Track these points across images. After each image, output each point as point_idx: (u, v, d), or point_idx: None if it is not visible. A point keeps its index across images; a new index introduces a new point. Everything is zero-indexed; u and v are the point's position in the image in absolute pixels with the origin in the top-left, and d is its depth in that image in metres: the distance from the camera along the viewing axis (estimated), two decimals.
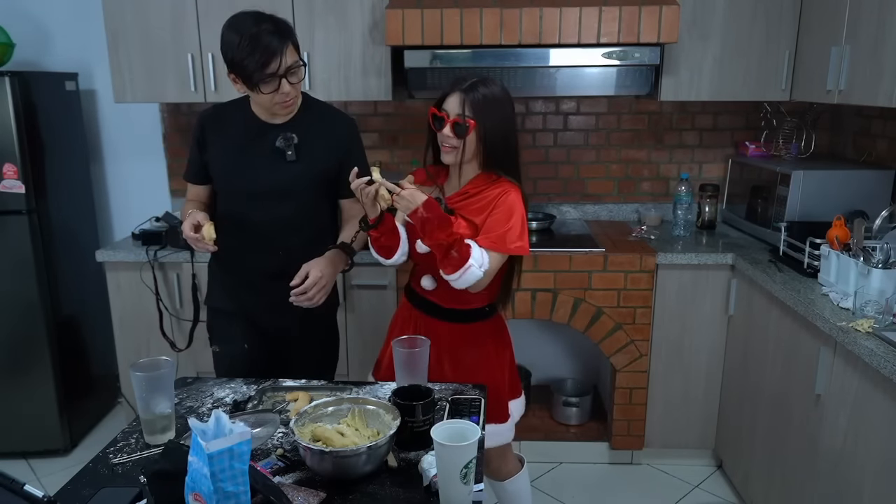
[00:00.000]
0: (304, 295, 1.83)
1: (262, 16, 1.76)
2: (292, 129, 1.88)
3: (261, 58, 1.70)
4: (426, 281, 1.85)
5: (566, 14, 2.52)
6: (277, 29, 1.73)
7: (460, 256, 1.65)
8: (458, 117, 1.70)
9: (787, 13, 2.70)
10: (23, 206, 2.79)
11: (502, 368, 1.95)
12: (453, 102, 1.71)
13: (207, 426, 1.03)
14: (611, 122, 3.22)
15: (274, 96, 1.77)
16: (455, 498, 1.16)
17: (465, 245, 1.66)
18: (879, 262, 1.93)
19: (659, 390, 2.80)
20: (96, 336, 3.25)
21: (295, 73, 1.78)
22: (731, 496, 2.71)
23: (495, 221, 1.73)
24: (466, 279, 1.68)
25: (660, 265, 2.67)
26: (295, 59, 1.77)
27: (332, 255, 1.91)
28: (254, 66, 1.71)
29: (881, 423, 1.70)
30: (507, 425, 1.97)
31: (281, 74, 1.74)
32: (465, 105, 1.69)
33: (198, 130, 1.93)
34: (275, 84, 1.75)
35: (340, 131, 1.96)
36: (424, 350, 1.57)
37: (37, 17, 3.19)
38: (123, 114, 3.27)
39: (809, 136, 3.00)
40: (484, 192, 1.78)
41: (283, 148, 1.86)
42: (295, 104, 1.87)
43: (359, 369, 2.81)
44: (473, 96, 1.69)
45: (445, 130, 1.72)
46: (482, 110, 1.70)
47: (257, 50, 1.70)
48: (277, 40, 1.71)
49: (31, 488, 0.97)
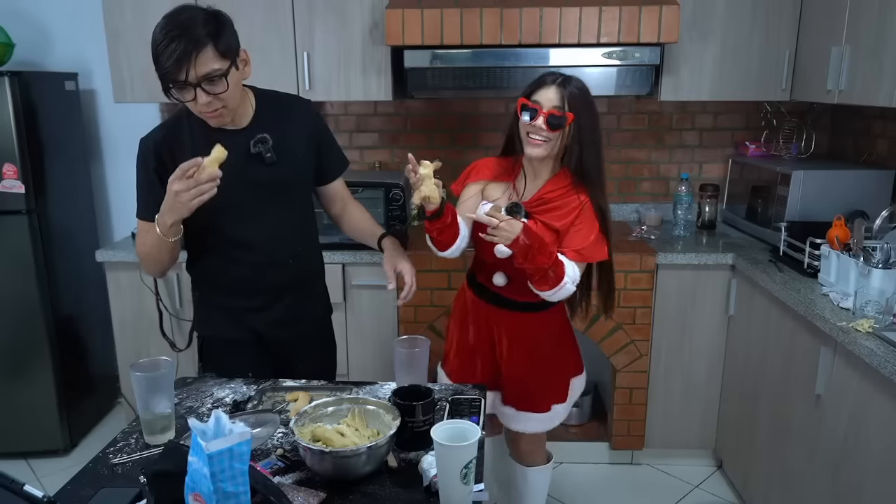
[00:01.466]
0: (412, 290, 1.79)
1: (181, 11, 1.51)
2: (259, 130, 1.69)
3: (165, 64, 1.47)
4: (499, 278, 1.84)
5: (566, 14, 2.51)
6: (186, 31, 1.46)
7: (556, 276, 1.67)
8: (555, 109, 1.67)
9: (787, 13, 2.70)
10: (23, 206, 2.79)
11: (571, 348, 1.99)
12: (549, 94, 1.68)
13: (207, 426, 1.03)
14: (611, 122, 3.21)
15: (194, 105, 1.55)
16: (455, 498, 1.16)
17: (560, 264, 1.68)
18: (879, 262, 1.93)
19: (659, 390, 2.80)
20: (96, 336, 3.25)
21: (214, 83, 1.52)
22: (731, 496, 2.71)
23: (580, 234, 1.74)
24: (560, 295, 1.73)
25: (660, 265, 2.67)
26: (214, 67, 1.50)
27: (394, 241, 1.86)
28: (160, 72, 1.49)
29: (881, 423, 1.70)
30: (567, 404, 2.02)
31: (193, 83, 1.49)
32: (562, 96, 1.67)
33: (153, 161, 1.65)
34: (190, 93, 1.51)
35: (306, 116, 1.81)
36: (424, 350, 1.57)
37: (37, 17, 3.19)
38: (123, 114, 3.27)
39: (809, 136, 3.00)
40: (563, 199, 1.76)
41: (262, 152, 1.68)
42: (225, 114, 1.60)
43: (359, 370, 2.81)
44: (570, 90, 1.67)
45: (538, 122, 1.68)
46: (578, 105, 1.67)
47: (163, 55, 1.47)
48: (184, 45, 1.46)
49: (30, 488, 0.97)
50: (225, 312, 1.83)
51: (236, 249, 1.76)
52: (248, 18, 2.76)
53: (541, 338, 1.91)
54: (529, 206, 1.78)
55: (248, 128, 1.69)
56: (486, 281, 1.89)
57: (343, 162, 1.94)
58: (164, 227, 1.56)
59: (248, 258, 1.76)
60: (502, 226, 1.57)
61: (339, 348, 2.16)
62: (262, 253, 1.77)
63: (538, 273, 1.66)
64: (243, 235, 1.74)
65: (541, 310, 1.88)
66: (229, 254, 1.77)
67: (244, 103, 1.70)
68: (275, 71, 2.80)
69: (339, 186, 1.94)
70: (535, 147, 1.72)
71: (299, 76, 2.81)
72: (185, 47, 1.46)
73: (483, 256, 1.88)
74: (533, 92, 1.71)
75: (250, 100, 1.73)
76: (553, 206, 1.76)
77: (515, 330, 1.89)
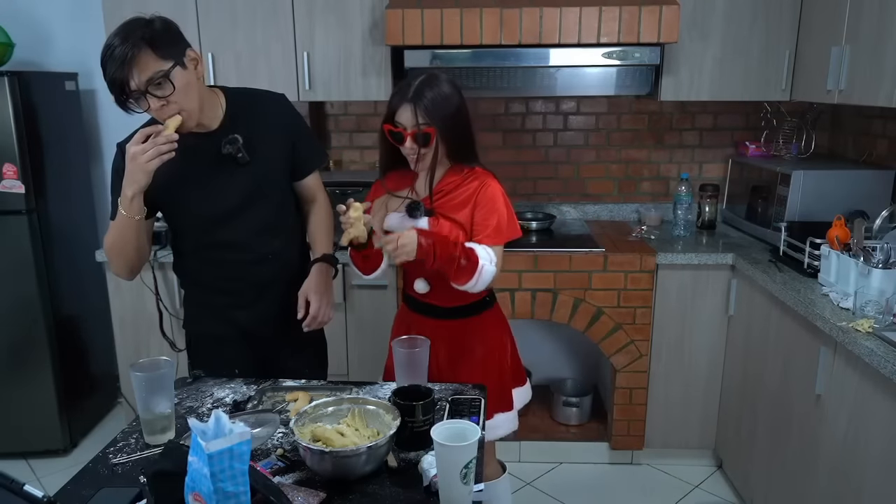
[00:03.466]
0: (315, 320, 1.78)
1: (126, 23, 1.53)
2: (230, 131, 1.68)
3: (110, 73, 1.49)
4: (419, 284, 1.84)
5: (566, 14, 2.51)
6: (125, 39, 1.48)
7: (471, 263, 1.67)
8: (414, 129, 1.68)
9: (787, 13, 2.70)
10: (23, 206, 2.79)
11: (505, 356, 1.95)
12: (405, 114, 1.68)
13: (207, 426, 1.03)
14: (611, 122, 3.22)
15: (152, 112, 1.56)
16: (455, 498, 1.16)
17: (469, 250, 1.67)
18: (879, 262, 1.93)
19: (659, 390, 2.80)
20: (96, 336, 3.25)
21: (160, 87, 1.52)
22: (731, 496, 2.71)
23: (485, 216, 1.74)
24: (484, 280, 1.70)
25: (660, 265, 2.67)
26: (155, 69, 1.50)
27: (320, 269, 1.83)
28: (108, 82, 1.52)
29: (881, 423, 1.70)
30: (512, 414, 1.97)
31: (142, 90, 1.51)
32: (417, 114, 1.66)
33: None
34: (144, 102, 1.53)
35: (278, 111, 1.80)
36: (424, 350, 1.57)
37: (37, 17, 3.19)
38: (123, 114, 3.25)
39: (809, 136, 3.00)
40: (462, 187, 1.77)
41: (233, 153, 1.68)
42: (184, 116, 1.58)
43: (359, 369, 2.81)
44: (423, 103, 1.67)
45: (407, 144, 1.70)
46: (435, 114, 1.67)
47: (107, 65, 1.50)
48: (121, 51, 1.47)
49: (30, 488, 0.96)
50: (210, 310, 1.86)
51: (216, 250, 1.78)
52: (249, 19, 2.77)
53: (472, 344, 1.88)
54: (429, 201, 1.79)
55: (218, 130, 1.69)
56: (412, 291, 1.88)
57: (319, 157, 1.93)
58: (126, 202, 1.57)
59: (229, 257, 1.78)
60: (400, 242, 1.58)
61: (340, 348, 2.16)
62: (242, 251, 1.78)
63: (451, 266, 1.66)
64: (221, 236, 1.76)
65: (470, 315, 1.86)
66: (210, 254, 1.79)
67: (212, 105, 1.69)
68: (275, 71, 2.80)
69: (311, 182, 1.90)
70: (417, 164, 1.73)
71: (299, 76, 2.81)
72: (123, 53, 1.47)
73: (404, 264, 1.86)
74: (393, 113, 1.71)
75: (220, 101, 1.72)
76: (451, 195, 1.77)
77: (447, 339, 1.86)
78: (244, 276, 1.81)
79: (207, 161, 1.68)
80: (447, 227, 1.75)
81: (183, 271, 1.88)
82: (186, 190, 1.71)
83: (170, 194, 1.70)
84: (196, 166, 1.68)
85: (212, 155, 1.68)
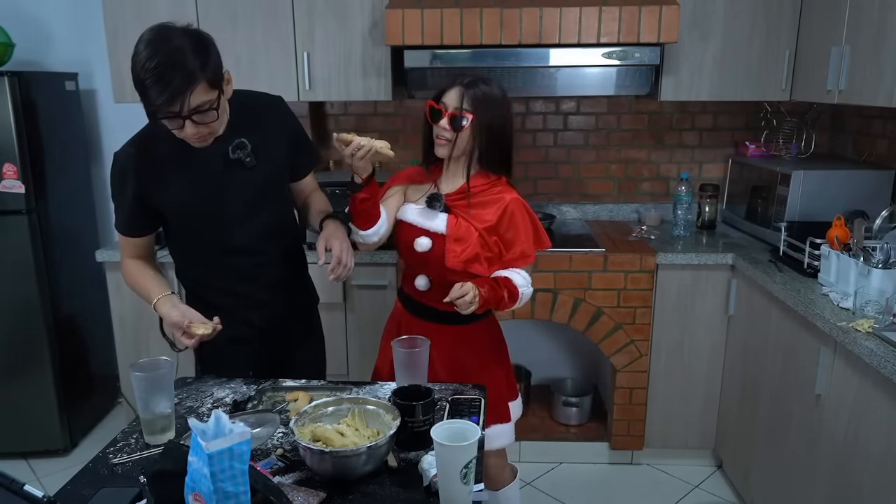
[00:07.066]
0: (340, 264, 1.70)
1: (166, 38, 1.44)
2: (236, 136, 1.67)
3: (156, 100, 1.43)
4: (421, 281, 1.84)
5: (566, 14, 2.51)
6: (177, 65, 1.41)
7: (511, 293, 1.73)
8: (455, 110, 1.70)
9: (787, 13, 2.70)
10: (23, 206, 2.79)
11: (500, 369, 1.95)
12: (452, 96, 1.72)
13: (207, 426, 1.03)
14: (611, 122, 3.22)
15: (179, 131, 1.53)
16: (455, 498, 1.16)
17: (510, 284, 1.74)
18: (879, 262, 1.93)
19: (659, 390, 2.80)
20: (96, 336, 3.25)
21: (204, 114, 1.50)
22: (731, 496, 2.71)
23: (512, 240, 1.79)
24: (523, 301, 1.80)
25: (660, 265, 2.67)
26: (205, 99, 1.48)
27: (334, 222, 1.80)
28: (149, 107, 1.46)
29: (881, 423, 1.70)
30: (509, 426, 1.97)
31: (185, 116, 1.47)
32: (463, 98, 1.70)
33: (132, 176, 1.65)
34: (178, 123, 1.49)
35: (279, 115, 1.80)
36: (424, 350, 1.57)
37: (37, 17, 3.19)
38: (123, 114, 3.26)
39: (809, 136, 3.00)
40: (486, 193, 1.79)
41: (241, 157, 1.67)
42: (209, 138, 1.59)
43: (358, 369, 2.81)
44: (473, 91, 1.71)
45: (442, 122, 1.72)
46: (480, 105, 1.70)
47: (152, 89, 1.42)
48: (178, 80, 1.41)
49: (30, 488, 0.97)
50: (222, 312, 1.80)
51: (225, 255, 1.77)
52: (248, 19, 2.76)
53: (466, 351, 1.87)
54: (450, 199, 1.80)
55: (225, 135, 1.67)
56: (410, 289, 1.88)
57: (316, 156, 1.96)
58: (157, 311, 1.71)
59: (239, 261, 1.77)
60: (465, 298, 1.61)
61: (340, 348, 2.16)
62: (252, 254, 1.78)
63: (500, 305, 1.73)
64: (230, 241, 1.75)
65: (465, 322, 1.84)
66: (219, 259, 1.78)
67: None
68: (275, 71, 2.80)
69: (309, 179, 1.94)
70: (440, 147, 1.76)
71: (299, 76, 2.81)
72: (180, 84, 1.42)
73: (405, 257, 1.87)
74: (441, 94, 1.75)
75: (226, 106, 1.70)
76: (477, 200, 1.78)
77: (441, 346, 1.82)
78: (253, 278, 1.80)
79: (214, 165, 1.67)
80: (464, 228, 1.76)
81: (189, 278, 1.86)
82: (194, 196, 1.69)
83: (178, 202, 1.69)
84: (204, 171, 1.68)
85: (219, 161, 1.67)
